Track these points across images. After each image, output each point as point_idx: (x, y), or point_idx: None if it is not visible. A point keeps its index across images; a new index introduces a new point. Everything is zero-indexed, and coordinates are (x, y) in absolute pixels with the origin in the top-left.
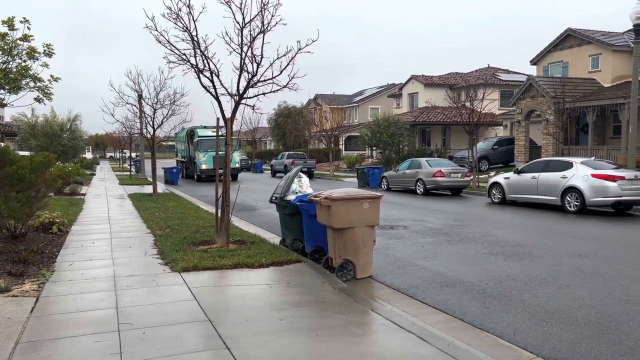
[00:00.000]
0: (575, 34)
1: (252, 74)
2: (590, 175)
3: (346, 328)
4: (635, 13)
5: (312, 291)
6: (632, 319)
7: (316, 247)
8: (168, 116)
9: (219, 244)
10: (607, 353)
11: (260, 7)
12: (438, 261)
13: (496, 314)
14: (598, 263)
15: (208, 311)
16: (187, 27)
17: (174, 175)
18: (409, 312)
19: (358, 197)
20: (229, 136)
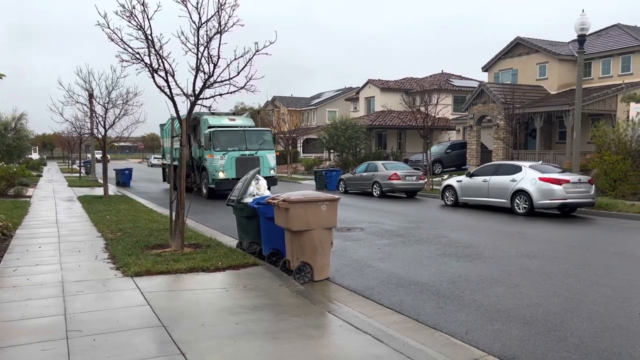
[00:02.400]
0: (524, 42)
1: (208, 75)
2: (538, 178)
3: (303, 330)
4: (580, 24)
5: (269, 294)
6: (576, 316)
7: (274, 250)
8: (120, 116)
9: (174, 248)
10: (553, 349)
11: (217, 7)
12: (394, 262)
13: (449, 314)
14: (545, 263)
15: (162, 316)
16: (141, 26)
17: (125, 177)
18: (366, 314)
19: (316, 200)
20: (183, 137)
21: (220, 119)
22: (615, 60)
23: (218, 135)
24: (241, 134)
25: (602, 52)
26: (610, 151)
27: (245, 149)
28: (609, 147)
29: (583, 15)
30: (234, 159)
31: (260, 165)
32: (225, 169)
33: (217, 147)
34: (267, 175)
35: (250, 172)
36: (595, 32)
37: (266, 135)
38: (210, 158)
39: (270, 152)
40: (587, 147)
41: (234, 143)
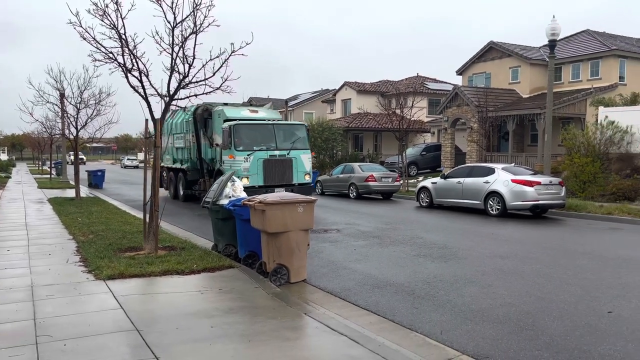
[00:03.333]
0: (497, 46)
1: (183, 75)
2: (511, 180)
3: (279, 333)
4: (551, 29)
5: (245, 297)
6: (547, 315)
7: (250, 252)
8: (93, 116)
9: (147, 250)
10: (525, 348)
11: (192, 7)
12: (370, 264)
13: (424, 314)
14: (517, 263)
15: (135, 320)
16: (115, 25)
17: (98, 179)
18: (342, 315)
19: (293, 201)
20: (158, 138)
21: (238, 111)
22: (584, 65)
23: (241, 131)
24: (270, 130)
25: (572, 57)
26: (579, 154)
27: (275, 148)
28: (578, 150)
29: (554, 21)
30: (262, 161)
31: (292, 170)
32: (251, 173)
33: (240, 146)
34: (302, 182)
35: (226, 173)
36: (566, 38)
37: (300, 130)
38: (230, 160)
39: (306, 153)
40: (558, 150)
41: (260, 140)
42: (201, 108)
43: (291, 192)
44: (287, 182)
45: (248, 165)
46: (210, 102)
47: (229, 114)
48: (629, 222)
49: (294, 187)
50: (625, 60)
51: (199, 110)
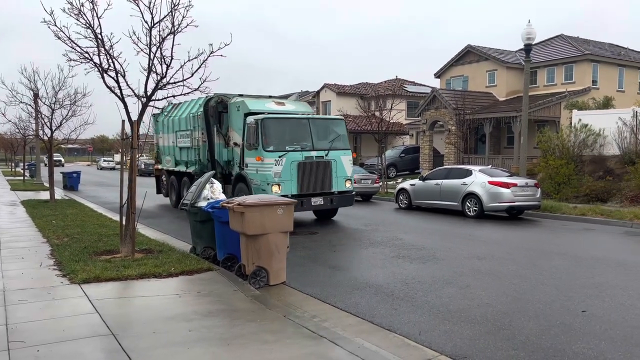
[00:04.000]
0: (475, 50)
1: (161, 76)
2: (487, 182)
3: (258, 336)
4: (526, 34)
5: (223, 300)
6: (523, 315)
7: (228, 255)
8: (68, 117)
9: (124, 253)
10: (502, 348)
11: (170, 7)
12: (349, 265)
13: (403, 315)
14: (494, 264)
15: (111, 324)
16: (91, 24)
17: (73, 181)
18: (321, 317)
19: (272, 203)
20: (134, 140)
21: (262, 103)
22: (559, 69)
23: (271, 126)
24: (305, 125)
25: (547, 61)
26: (554, 156)
27: (312, 147)
28: (553, 152)
29: (529, 26)
30: (296, 164)
31: (331, 174)
32: (283, 180)
33: (270, 145)
34: (342, 190)
35: (205, 175)
36: (541, 42)
37: (339, 126)
38: (257, 163)
39: (346, 154)
40: (534, 152)
41: (294, 139)
42: (214, 100)
43: (330, 202)
44: (325, 189)
45: (280, 170)
46: (225, 93)
47: (251, 107)
48: (601, 223)
49: (334, 196)
50: (598, 64)
51: (211, 102)
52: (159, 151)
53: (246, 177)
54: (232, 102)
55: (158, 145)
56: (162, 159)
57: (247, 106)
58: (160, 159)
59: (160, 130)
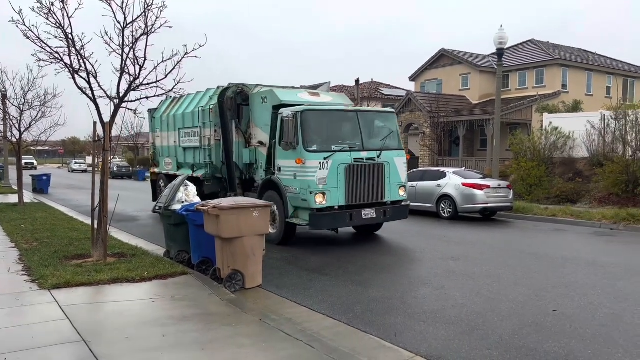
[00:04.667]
0: (448, 54)
1: (134, 77)
2: (461, 184)
3: (234, 340)
4: (499, 38)
5: (198, 304)
6: (497, 315)
7: (203, 259)
8: (37, 119)
9: (96, 258)
10: (476, 347)
11: (143, 7)
12: (325, 268)
13: (379, 317)
14: (468, 265)
15: (82, 331)
16: (61, 24)
17: (43, 184)
18: (298, 319)
19: (248, 206)
20: (107, 142)
21: (294, 93)
22: (530, 73)
23: (314, 120)
24: (353, 120)
25: (518, 65)
26: (526, 158)
27: (361, 147)
28: (525, 155)
29: (501, 30)
30: (344, 167)
31: (384, 181)
32: (329, 187)
33: (313, 144)
34: (395, 200)
35: (179, 177)
36: (513, 47)
37: (390, 121)
38: (296, 166)
39: (400, 155)
40: (506, 155)
41: (340, 136)
42: (232, 90)
43: (383, 215)
44: (376, 199)
45: (325, 175)
46: (244, 83)
47: (283, 98)
48: (571, 224)
49: (387, 208)
50: (568, 69)
51: (228, 93)
52: (156, 152)
53: (279, 184)
54: (255, 92)
55: (155, 145)
56: (160, 161)
57: (278, 97)
58: (157, 161)
59: (157, 127)
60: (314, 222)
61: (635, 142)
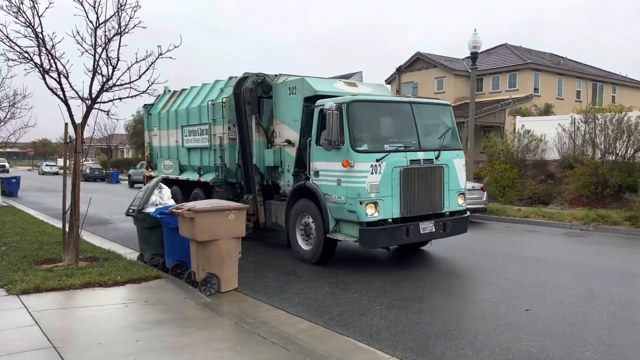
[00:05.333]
0: (424, 57)
1: (107, 77)
2: None
3: (209, 344)
4: (472, 42)
5: (172, 308)
6: (471, 316)
7: (178, 262)
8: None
9: (67, 262)
10: (451, 347)
11: (116, 7)
12: (302, 270)
13: (355, 318)
14: (443, 265)
15: (52, 337)
16: (31, 23)
17: (13, 186)
18: (274, 323)
19: (223, 209)
20: (79, 144)
21: (328, 83)
22: (503, 77)
23: (364, 114)
24: (407, 113)
25: (492, 69)
26: (499, 160)
27: (418, 147)
28: (498, 157)
29: (475, 35)
30: (399, 171)
31: (443, 187)
32: (382, 196)
33: (363, 143)
34: (454, 210)
35: (153, 180)
36: (486, 51)
37: (447, 115)
38: (340, 170)
39: (459, 157)
40: (480, 157)
41: (392, 133)
42: (252, 80)
43: (442, 229)
44: (434, 209)
45: (378, 180)
46: (266, 73)
47: (318, 87)
48: (543, 225)
49: (446, 220)
50: (540, 73)
51: (247, 84)
52: (153, 153)
53: (316, 192)
54: (279, 82)
55: (151, 145)
56: (158, 163)
57: (312, 86)
58: (154, 163)
59: (154, 125)
60: (366, 239)
61: (603, 145)
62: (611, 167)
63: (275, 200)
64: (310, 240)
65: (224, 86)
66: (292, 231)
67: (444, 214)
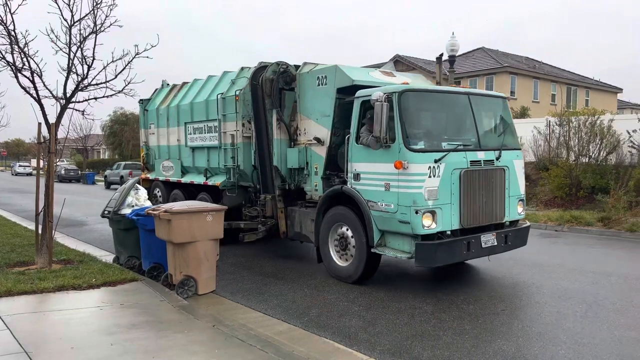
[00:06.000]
0: (403, 60)
1: (82, 77)
2: None
3: (186, 347)
4: (450, 46)
5: (149, 311)
6: (448, 316)
7: (155, 264)
8: None
9: (40, 265)
10: (427, 348)
11: (92, 5)
12: (281, 271)
13: (334, 320)
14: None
15: (24, 341)
16: (3, 20)
17: None
18: (252, 325)
19: (201, 210)
20: (52, 144)
21: (364, 72)
22: (480, 80)
23: (418, 105)
24: (464, 105)
25: (470, 72)
26: None
27: (478, 145)
28: None
29: (453, 38)
30: (458, 174)
31: (505, 193)
32: (440, 203)
33: (419, 140)
34: (514, 220)
35: (129, 181)
36: (464, 54)
37: (504, 109)
38: (393, 172)
39: (519, 157)
40: None
41: (450, 130)
42: (272, 69)
43: (504, 242)
44: (494, 219)
45: (436, 184)
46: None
47: (355, 76)
48: None
49: (508, 232)
50: (516, 76)
51: (267, 74)
52: (150, 154)
53: (357, 198)
54: (305, 71)
55: (147, 144)
56: (156, 164)
57: (348, 75)
58: (151, 164)
59: (151, 123)
60: (423, 256)
61: (577, 148)
62: (585, 169)
63: (299, 207)
64: (347, 254)
65: (236, 77)
66: (323, 244)
67: (504, 224)
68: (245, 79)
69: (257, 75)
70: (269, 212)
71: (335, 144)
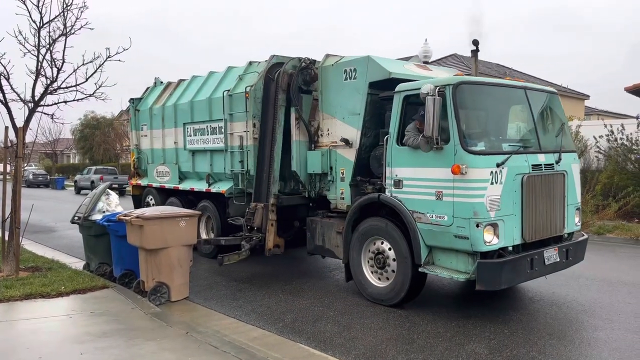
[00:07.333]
0: None
1: (51, 80)
2: None
3: (158, 355)
4: (423, 52)
5: (120, 319)
6: (422, 319)
7: (126, 271)
8: None
9: (6, 272)
10: (402, 351)
11: (62, 7)
12: (256, 277)
13: (309, 325)
14: None
15: None
16: None
17: None
18: (225, 331)
19: (174, 215)
20: (20, 148)
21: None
22: None
23: (475, 101)
24: (522, 101)
25: None
26: None
27: (538, 147)
28: None
29: (426, 44)
30: (520, 180)
31: (564, 202)
32: (502, 214)
33: (476, 141)
34: (572, 232)
35: (100, 186)
36: (437, 60)
37: (559, 106)
38: (447, 179)
39: (576, 162)
40: None
41: (508, 130)
42: (291, 64)
43: (565, 257)
44: (555, 231)
45: (499, 193)
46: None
47: (392, 69)
48: None
49: (569, 245)
50: None
51: (286, 68)
52: (142, 158)
53: (400, 209)
54: (330, 64)
55: (139, 148)
56: (149, 170)
57: (384, 67)
58: (142, 169)
59: (144, 124)
60: (487, 277)
61: None
62: None
63: (321, 217)
64: (386, 272)
65: (243, 73)
66: (355, 261)
67: (563, 237)
68: (255, 74)
69: (273, 70)
70: (257, 223)
71: (365, 146)
